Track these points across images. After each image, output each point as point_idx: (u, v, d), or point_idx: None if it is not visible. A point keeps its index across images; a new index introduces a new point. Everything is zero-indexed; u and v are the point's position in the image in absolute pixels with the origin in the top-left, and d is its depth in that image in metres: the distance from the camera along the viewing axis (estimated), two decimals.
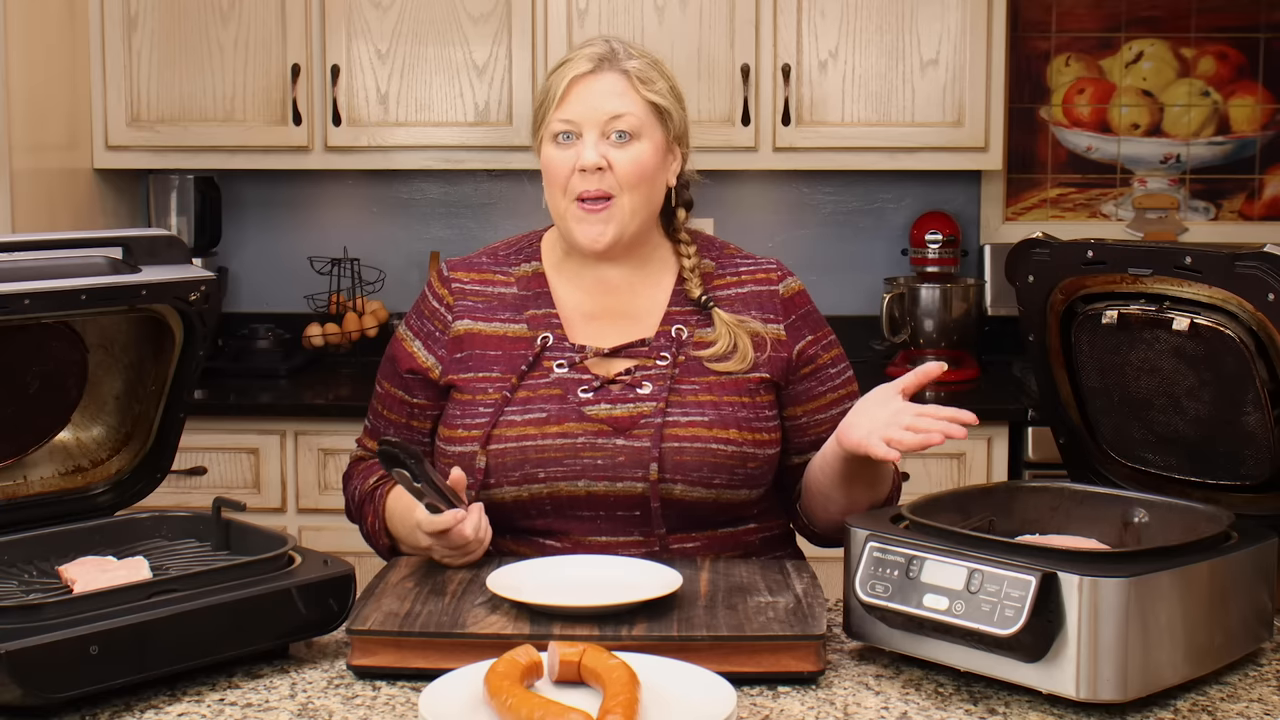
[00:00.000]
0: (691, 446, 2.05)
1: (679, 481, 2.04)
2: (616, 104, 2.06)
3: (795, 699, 1.68)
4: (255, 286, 4.32)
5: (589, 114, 2.05)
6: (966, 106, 3.83)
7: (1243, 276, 1.77)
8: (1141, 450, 1.99)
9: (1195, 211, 4.21)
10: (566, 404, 2.07)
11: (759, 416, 2.10)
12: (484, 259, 2.20)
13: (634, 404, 2.07)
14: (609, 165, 2.05)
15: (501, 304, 2.15)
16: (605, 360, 2.11)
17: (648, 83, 2.08)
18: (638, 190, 2.07)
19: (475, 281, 2.17)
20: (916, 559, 1.71)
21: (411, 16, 3.88)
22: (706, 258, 2.18)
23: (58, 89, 3.75)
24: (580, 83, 2.06)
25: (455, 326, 2.15)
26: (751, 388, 2.11)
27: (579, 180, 2.06)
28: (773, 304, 2.16)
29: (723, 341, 2.11)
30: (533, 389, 2.09)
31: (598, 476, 2.05)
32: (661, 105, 2.09)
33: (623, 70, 2.07)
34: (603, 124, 2.05)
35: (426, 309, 2.19)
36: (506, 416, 2.07)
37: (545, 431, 2.06)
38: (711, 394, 2.09)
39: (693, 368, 2.10)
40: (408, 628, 1.73)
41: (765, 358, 2.12)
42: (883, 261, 4.22)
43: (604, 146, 2.05)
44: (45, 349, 1.97)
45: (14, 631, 1.58)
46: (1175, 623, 1.65)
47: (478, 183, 4.29)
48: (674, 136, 2.12)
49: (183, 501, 3.41)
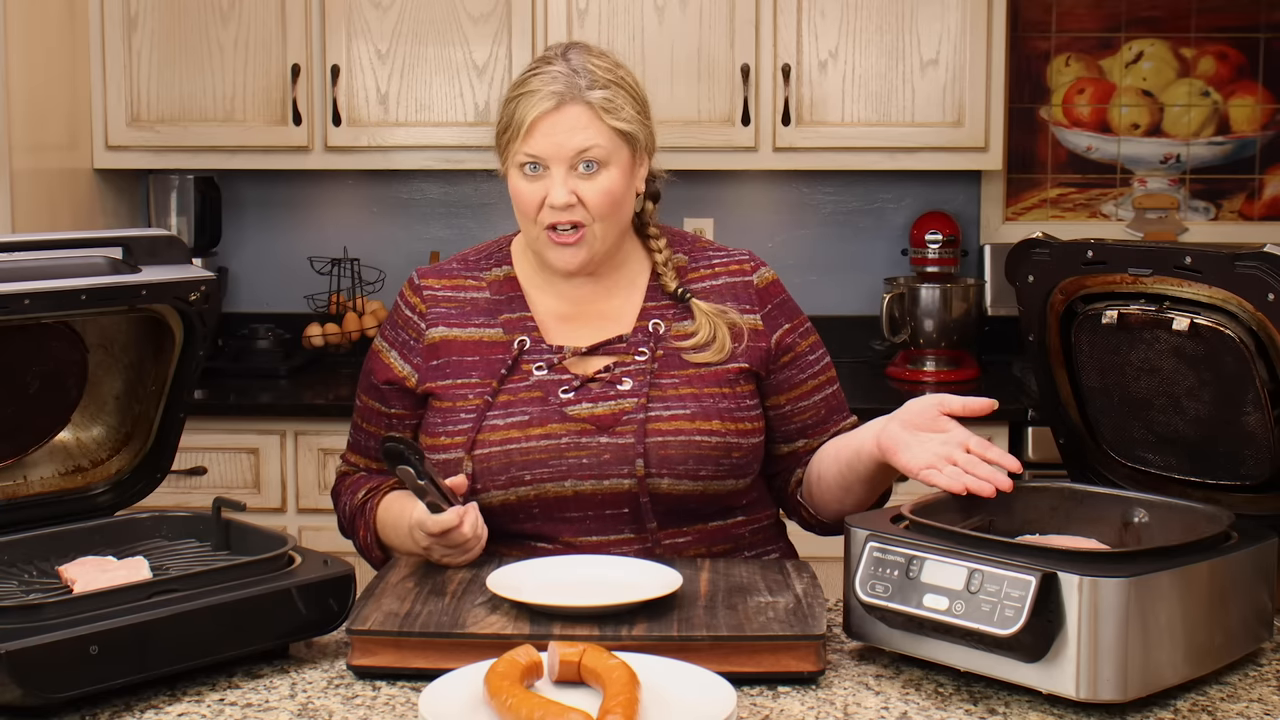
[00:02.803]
0: (675, 440, 2.05)
1: (665, 475, 2.04)
2: (581, 138, 2.04)
3: (795, 699, 1.68)
4: (255, 286, 4.32)
5: (555, 150, 2.04)
6: (966, 106, 3.83)
7: (1243, 276, 1.77)
8: (1141, 450, 1.99)
9: (1195, 211, 4.21)
10: (548, 405, 2.07)
11: (740, 406, 2.11)
12: (454, 265, 2.20)
13: (615, 401, 2.08)
14: (579, 200, 2.05)
15: (475, 309, 2.15)
16: (583, 359, 2.11)
17: (612, 112, 2.05)
18: (609, 218, 2.07)
19: (447, 288, 2.17)
20: (916, 559, 1.71)
21: (411, 16, 3.88)
22: (679, 251, 2.19)
23: (58, 89, 3.75)
24: (544, 120, 2.04)
25: (430, 334, 2.14)
26: (731, 378, 2.11)
27: (549, 214, 2.06)
28: (748, 294, 2.16)
29: (703, 331, 2.11)
30: (513, 393, 2.08)
31: (584, 475, 2.05)
32: (627, 131, 2.07)
33: (586, 103, 2.04)
34: (569, 159, 2.04)
35: (400, 319, 2.18)
36: (489, 421, 2.06)
37: (529, 434, 2.06)
38: (692, 386, 2.09)
39: (671, 361, 2.11)
40: (408, 628, 1.73)
41: (743, 348, 2.13)
42: (883, 261, 4.22)
43: (572, 181, 2.04)
44: (45, 349, 1.97)
45: (14, 631, 1.58)
46: (1175, 623, 1.64)
47: (478, 183, 4.29)
48: (641, 148, 2.11)
49: (183, 501, 3.41)
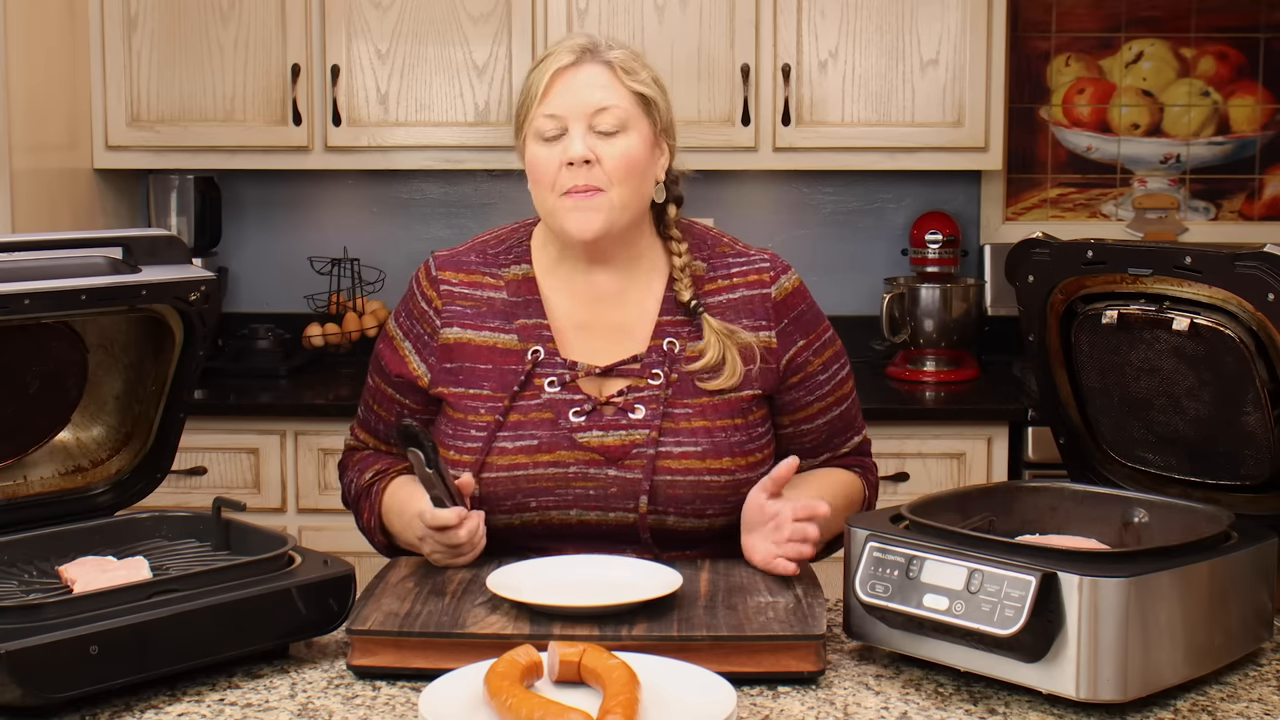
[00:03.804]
0: (684, 480, 2.03)
1: (671, 513, 2.03)
2: (601, 95, 2.02)
3: (795, 699, 1.68)
4: (255, 286, 4.32)
5: (574, 106, 2.01)
6: (966, 106, 3.83)
7: (1243, 276, 1.77)
8: (1141, 450, 1.99)
9: (1195, 211, 4.21)
10: (558, 430, 2.05)
11: (752, 437, 2.08)
12: (473, 258, 2.15)
13: (626, 431, 2.05)
14: (597, 159, 2.01)
15: (491, 310, 2.12)
16: (597, 380, 2.09)
17: (631, 73, 2.04)
18: (627, 183, 2.03)
19: (464, 284, 2.13)
20: (916, 559, 1.71)
21: (411, 16, 3.88)
22: (698, 258, 2.14)
23: (58, 89, 3.75)
24: (563, 75, 2.02)
25: (444, 334, 2.11)
26: (744, 406, 2.08)
27: (567, 175, 2.01)
28: (764, 308, 2.12)
29: (712, 352, 2.07)
30: (524, 411, 2.06)
31: (589, 506, 2.04)
32: (647, 95, 2.05)
33: (605, 61, 2.03)
34: (589, 116, 2.01)
35: (415, 309, 2.15)
36: (499, 443, 2.05)
37: (536, 460, 2.04)
38: (705, 418, 2.06)
39: (685, 388, 2.07)
40: (408, 628, 1.73)
41: (756, 371, 2.09)
42: (883, 261, 4.22)
43: (591, 139, 2.01)
44: (45, 349, 1.96)
45: (14, 631, 1.58)
46: (1175, 623, 1.64)
47: (478, 183, 4.29)
48: (661, 129, 2.08)
49: (183, 501, 3.40)
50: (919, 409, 3.69)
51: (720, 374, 2.07)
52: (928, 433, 3.62)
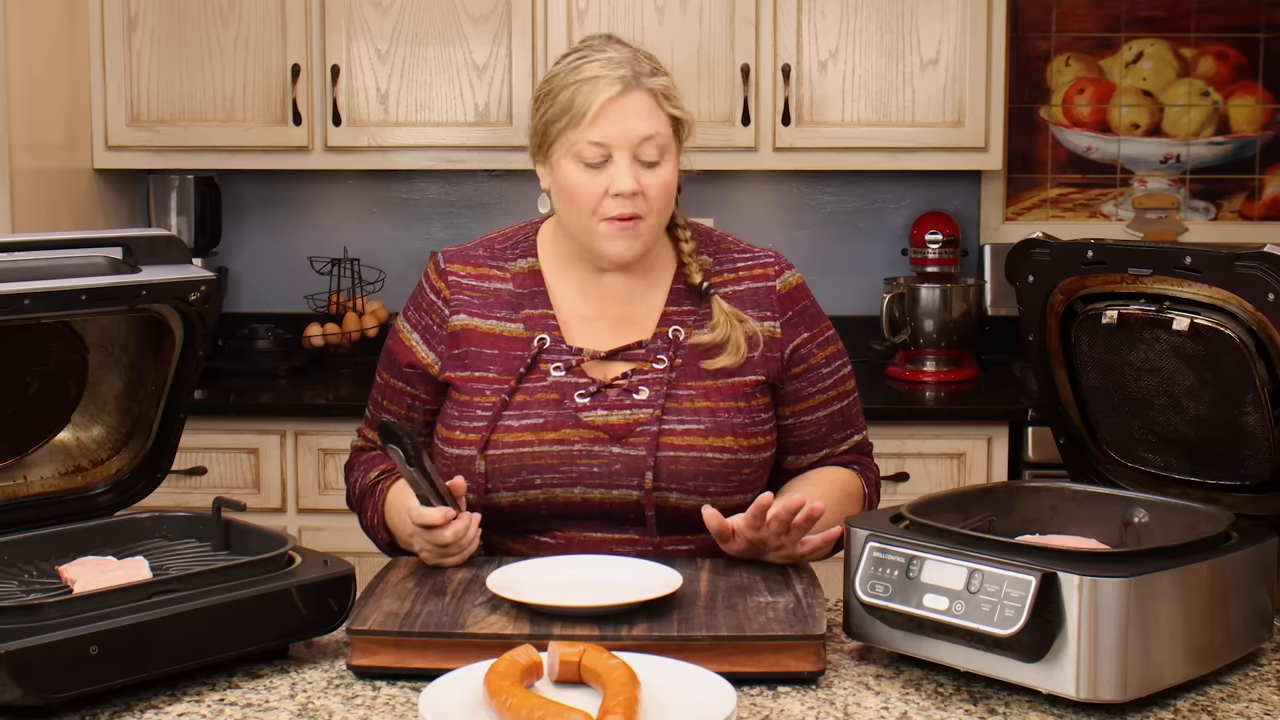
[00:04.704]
0: (687, 456, 2.05)
1: (674, 490, 2.05)
2: (646, 126, 2.04)
3: (795, 699, 1.68)
4: (255, 286, 4.32)
5: (621, 136, 2.03)
6: (966, 106, 3.83)
7: (1243, 276, 1.77)
8: (1141, 450, 1.99)
9: (1195, 211, 4.21)
10: (563, 409, 2.07)
11: (755, 420, 2.11)
12: (480, 252, 2.19)
13: (630, 410, 2.07)
14: (641, 190, 2.04)
15: (498, 300, 2.15)
16: (602, 363, 2.11)
17: (671, 99, 2.08)
18: (665, 210, 2.09)
19: (471, 276, 2.16)
20: (916, 559, 1.71)
21: (411, 16, 3.87)
22: (704, 253, 2.17)
23: (58, 89, 3.75)
24: (612, 105, 2.03)
25: (452, 321, 2.14)
26: (748, 391, 2.11)
27: (612, 204, 2.04)
28: (769, 300, 2.15)
29: (720, 329, 2.10)
30: (530, 393, 2.09)
31: (593, 484, 2.05)
32: (683, 119, 2.09)
33: (648, 89, 2.06)
34: (634, 146, 2.04)
35: (424, 302, 2.18)
36: (504, 421, 2.07)
37: (542, 438, 2.06)
38: (708, 399, 2.09)
39: (689, 370, 2.10)
40: (408, 628, 1.73)
41: (760, 356, 2.12)
42: (883, 261, 4.22)
43: (635, 169, 2.04)
44: (45, 349, 1.97)
45: (14, 631, 1.58)
46: (1175, 623, 1.64)
47: (478, 183, 4.29)
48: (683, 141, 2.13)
49: (183, 501, 3.40)
50: (919, 409, 3.70)
51: (724, 351, 2.10)
52: (928, 433, 3.62)
